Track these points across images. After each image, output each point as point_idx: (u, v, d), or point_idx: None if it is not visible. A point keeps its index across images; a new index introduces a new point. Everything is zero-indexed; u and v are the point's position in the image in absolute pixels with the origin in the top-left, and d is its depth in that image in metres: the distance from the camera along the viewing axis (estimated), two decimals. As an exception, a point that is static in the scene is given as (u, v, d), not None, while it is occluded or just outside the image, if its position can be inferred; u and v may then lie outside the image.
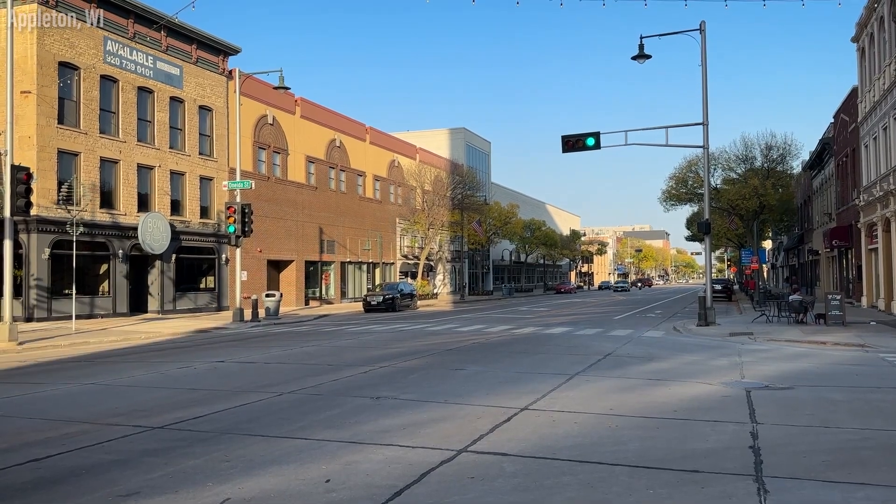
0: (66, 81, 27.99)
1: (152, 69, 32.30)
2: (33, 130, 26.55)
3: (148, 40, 31.88)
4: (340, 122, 49.07)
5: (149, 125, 32.39)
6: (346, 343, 18.87)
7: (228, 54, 37.25)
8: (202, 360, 15.15)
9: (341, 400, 9.70)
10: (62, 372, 13.69)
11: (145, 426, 8.07)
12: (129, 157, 30.95)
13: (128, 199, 30.88)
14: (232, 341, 20.27)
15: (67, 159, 28.20)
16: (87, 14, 28.67)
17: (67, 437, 7.58)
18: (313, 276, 45.89)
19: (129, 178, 30.96)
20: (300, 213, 43.62)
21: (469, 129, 74.80)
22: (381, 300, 37.38)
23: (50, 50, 27.22)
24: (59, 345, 19.16)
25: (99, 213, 29.04)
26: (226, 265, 36.34)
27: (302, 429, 7.81)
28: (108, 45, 29.92)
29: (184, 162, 34.20)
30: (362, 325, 26.16)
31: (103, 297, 29.80)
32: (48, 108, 27.15)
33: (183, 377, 12.49)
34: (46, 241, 26.74)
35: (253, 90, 37.88)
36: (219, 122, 36.61)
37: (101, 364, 14.95)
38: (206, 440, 7.35)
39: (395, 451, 6.77)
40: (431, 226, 55.01)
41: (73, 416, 8.77)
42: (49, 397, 10.58)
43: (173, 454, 6.81)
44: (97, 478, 6.04)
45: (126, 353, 17.16)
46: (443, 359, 14.67)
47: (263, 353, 16.29)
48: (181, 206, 34.23)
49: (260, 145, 40.17)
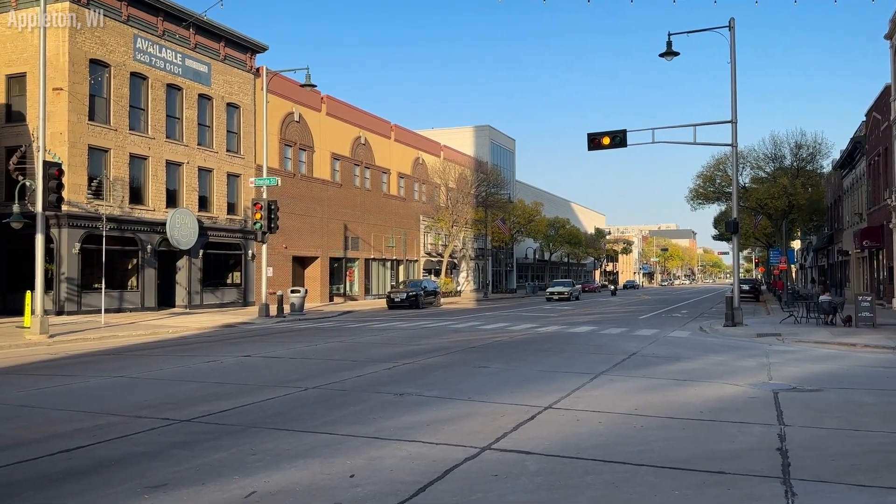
0: (97, 79, 28.43)
1: (181, 66, 32.68)
2: (65, 127, 27.02)
3: (177, 38, 32.27)
4: (365, 119, 49.25)
5: (177, 122, 32.79)
6: (369, 339, 18.96)
7: (256, 52, 37.56)
8: (229, 354, 15.32)
9: (365, 396, 9.76)
10: (92, 365, 13.93)
11: (173, 419, 8.18)
12: (157, 153, 31.36)
13: (156, 195, 31.30)
14: (258, 336, 20.47)
15: (98, 155, 28.65)
16: (118, 12, 29.10)
17: (97, 429, 7.71)
18: (338, 272, 46.15)
19: (157, 175, 31.38)
20: (325, 210, 43.87)
21: (494, 126, 74.66)
22: (404, 297, 37.48)
23: (81, 48, 27.67)
24: (89, 338, 19.49)
25: (128, 209, 29.48)
26: (252, 261, 36.70)
27: (327, 424, 7.87)
28: (137, 43, 30.34)
29: (211, 159, 34.57)
30: (386, 322, 26.25)
31: (132, 291, 30.26)
32: (79, 105, 27.61)
33: (210, 371, 12.64)
34: (77, 236, 27.21)
35: (280, 88, 38.16)
36: (246, 120, 36.95)
37: (130, 357, 15.19)
38: (233, 433, 7.44)
39: (419, 447, 6.79)
40: (455, 223, 55.02)
41: (102, 409, 8.92)
42: (79, 390, 10.77)
43: (200, 447, 6.90)
44: (126, 469, 6.14)
45: (154, 347, 17.41)
46: (466, 356, 14.68)
47: (289, 349, 16.43)
48: (209, 202, 34.62)
49: (286, 142, 40.47)
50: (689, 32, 23.90)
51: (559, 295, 50.15)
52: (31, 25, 27.25)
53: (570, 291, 51.43)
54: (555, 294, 50.50)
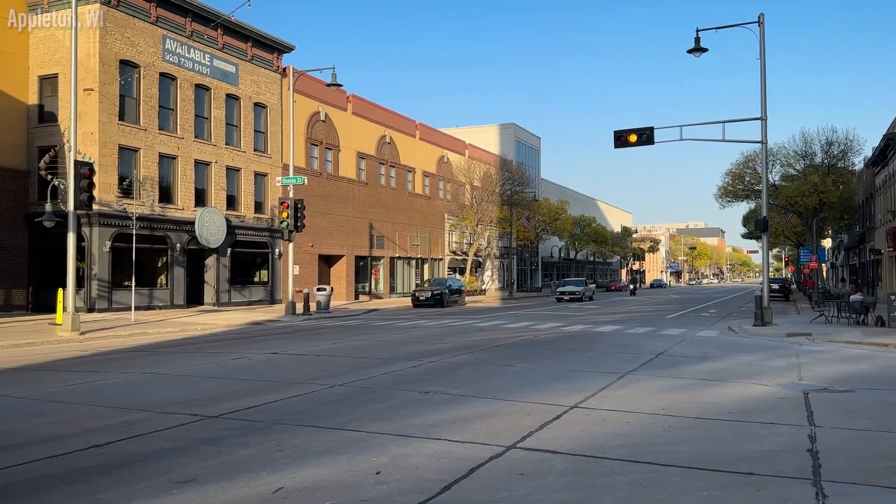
0: (127, 79, 28.87)
1: (209, 67, 33.05)
2: (96, 127, 27.47)
3: (205, 38, 32.63)
4: (391, 118, 49.39)
5: (206, 122, 33.17)
6: (395, 337, 19.02)
7: (282, 52, 37.85)
8: (256, 351, 15.46)
9: (391, 393, 9.79)
10: (122, 361, 14.15)
11: (201, 415, 8.28)
12: (186, 153, 31.76)
13: (185, 194, 31.70)
14: (285, 334, 20.64)
15: (128, 155, 29.09)
16: (147, 13, 29.54)
17: (127, 425, 7.83)
18: (363, 270, 46.37)
19: (186, 174, 31.78)
20: (351, 209, 44.09)
21: (519, 124, 74.40)
22: (429, 296, 37.54)
23: (112, 48, 28.11)
24: (119, 335, 19.81)
25: (158, 208, 29.89)
26: (279, 259, 37.02)
27: (353, 421, 7.91)
28: (166, 44, 30.75)
29: (239, 158, 34.92)
30: (411, 320, 26.31)
31: (161, 289, 30.69)
32: (110, 105, 28.05)
33: (238, 368, 12.77)
34: (108, 235, 27.66)
35: (306, 87, 38.41)
36: (273, 119, 37.26)
37: (159, 354, 15.40)
38: (260, 430, 7.51)
39: (444, 445, 6.80)
40: (480, 222, 54.96)
41: (132, 405, 9.05)
42: (109, 386, 10.94)
43: (228, 443, 6.97)
44: (155, 464, 6.23)
45: (183, 344, 17.63)
46: (491, 355, 14.66)
47: (315, 346, 16.55)
48: (236, 201, 34.98)
49: (312, 141, 40.73)
50: (718, 28, 23.61)
51: (570, 295, 46.43)
52: (62, 27, 27.75)
53: (583, 291, 47.53)
54: (565, 294, 46.70)
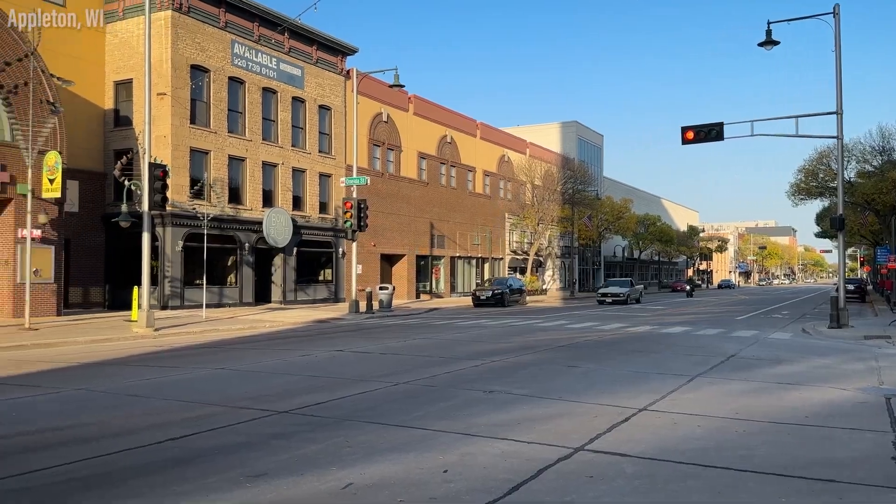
0: (198, 83, 29.81)
1: (276, 70, 33.82)
2: (168, 130, 28.45)
3: (272, 42, 33.41)
4: (451, 118, 49.51)
5: (273, 124, 33.96)
6: (456, 336, 19.04)
7: (346, 54, 38.42)
8: (322, 349, 15.73)
9: (454, 392, 9.79)
10: (194, 357, 14.60)
11: (272, 410, 8.45)
12: (254, 154, 32.58)
13: (253, 195, 32.53)
14: (349, 332, 20.93)
15: (198, 157, 30.03)
16: (216, 18, 30.44)
17: (201, 419, 8.07)
18: (424, 270, 46.65)
19: (254, 175, 32.60)
20: (412, 209, 44.41)
21: (581, 122, 73.55)
22: (489, 295, 37.47)
23: (183, 54, 29.06)
24: (192, 332, 20.45)
25: (227, 208, 30.76)
26: (342, 258, 37.61)
27: (418, 419, 7.94)
28: (235, 48, 31.60)
29: (304, 159, 35.62)
30: (472, 320, 26.31)
31: (231, 287, 31.58)
32: (181, 109, 29.01)
33: (305, 365, 13.01)
34: (180, 234, 28.61)
35: (368, 89, 38.88)
36: (337, 121, 37.86)
37: (230, 351, 15.83)
38: (328, 426, 7.62)
39: (511, 445, 6.75)
40: (541, 221, 54.54)
41: (205, 399, 9.32)
42: (183, 381, 11.30)
43: (298, 438, 7.10)
44: (228, 458, 6.39)
45: (252, 341, 18.08)
46: (555, 355, 14.51)
47: (378, 344, 16.72)
48: (302, 201, 35.69)
49: (375, 142, 41.20)
50: (790, 20, 22.78)
51: (613, 297, 41.28)
52: (136, 33, 28.88)
53: (628, 293, 42.27)
54: (607, 296, 41.45)
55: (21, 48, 21.82)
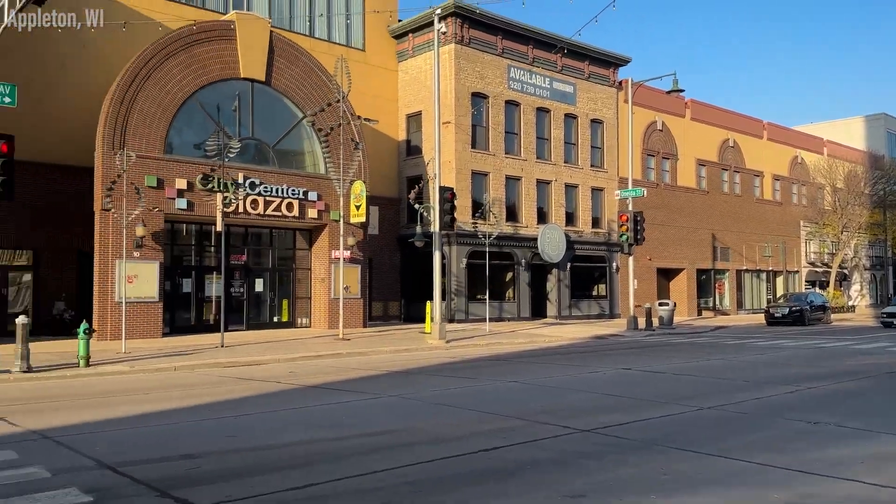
0: (478, 110, 31.43)
1: (549, 90, 34.42)
2: (452, 156, 30.34)
3: (544, 63, 34.09)
4: (733, 120, 46.11)
5: (545, 143, 34.56)
6: (755, 358, 17.41)
7: (618, 65, 37.82)
8: (608, 366, 15.39)
9: (769, 421, 8.85)
10: (486, 369, 15.17)
11: (573, 428, 8.36)
12: (529, 173, 33.41)
13: (528, 213, 33.33)
14: (630, 349, 20.30)
15: (479, 179, 31.58)
16: (494, 46, 31.92)
17: (505, 432, 8.24)
18: (705, 284, 43.81)
19: (529, 193, 33.41)
20: (690, 220, 42.07)
21: (890, 113, 63.95)
22: (786, 312, 33.91)
23: (465, 83, 30.87)
24: (478, 344, 21.40)
25: (505, 226, 31.88)
26: (616, 273, 36.84)
27: (735, 449, 7.25)
28: (511, 73, 32.80)
29: (577, 175, 35.66)
30: (768, 340, 23.96)
31: (509, 302, 32.62)
32: (463, 135, 30.78)
33: (594, 382, 12.79)
34: (463, 252, 30.28)
35: (641, 98, 37.79)
36: (608, 134, 37.36)
37: (516, 363, 16.20)
38: (636, 449, 7.30)
39: (859, 488, 5.83)
40: (845, 228, 48.17)
41: (505, 412, 9.53)
42: (482, 392, 11.74)
43: (606, 459, 6.89)
44: (539, 474, 6.38)
45: (534, 355, 18.35)
46: (889, 384, 12.51)
47: (667, 364, 15.91)
48: (574, 216, 35.72)
49: (648, 152, 39.88)
50: None
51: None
52: (424, 69, 31.35)
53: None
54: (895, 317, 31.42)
55: (332, 93, 24.87)
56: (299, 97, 25.15)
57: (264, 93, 24.43)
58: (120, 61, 22.03)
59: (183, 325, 23.50)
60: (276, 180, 24.13)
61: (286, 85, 24.86)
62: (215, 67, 23.09)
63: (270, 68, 24.33)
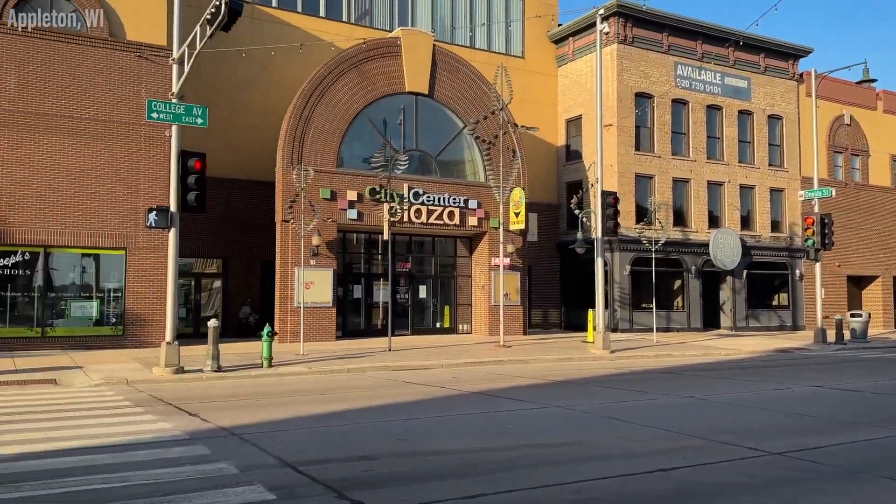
0: (642, 110, 30.30)
1: (720, 86, 32.49)
2: (614, 159, 29.43)
3: (714, 58, 32.24)
4: (937, 110, 40.98)
5: (717, 142, 32.62)
6: (975, 378, 15.20)
7: (798, 57, 34.93)
8: (794, 382, 14.08)
9: None
10: (656, 382, 14.42)
11: (761, 450, 7.63)
12: (698, 174, 31.67)
13: (698, 217, 31.57)
14: (820, 364, 18.50)
15: (643, 183, 30.38)
16: (659, 44, 30.67)
17: (684, 451, 7.69)
18: (905, 294, 39.17)
19: (699, 196, 31.65)
20: (885, 222, 37.85)
21: None
22: None
23: (627, 84, 29.87)
24: (645, 355, 20.47)
25: (672, 231, 30.41)
26: (800, 281, 33.93)
27: (964, 484, 6.27)
28: (678, 70, 31.32)
29: (752, 175, 33.30)
30: None
31: (677, 311, 31.03)
32: (626, 138, 29.78)
33: (781, 400, 11.73)
34: (627, 259, 29.23)
35: (825, 90, 34.58)
36: (788, 130, 34.56)
37: (689, 377, 15.26)
38: (838, 476, 6.53)
39: None
40: None
41: (682, 429, 8.93)
42: (654, 406, 11.13)
43: (802, 487, 6.21)
44: (729, 500, 5.85)
45: (709, 368, 17.22)
46: None
47: (864, 381, 14.29)
48: (750, 220, 33.36)
49: (835, 149, 36.43)
50: None
51: None
52: (584, 72, 30.74)
53: None
54: None
55: (492, 102, 25.00)
56: (460, 107, 25.56)
57: (427, 105, 25.07)
58: (294, 83, 23.52)
59: (353, 328, 24.59)
60: (438, 189, 24.65)
61: (448, 96, 25.36)
62: (382, 83, 24.02)
63: (433, 81, 24.93)
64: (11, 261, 18.95)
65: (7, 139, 18.85)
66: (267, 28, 25.03)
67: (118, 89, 20.09)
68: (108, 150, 19.94)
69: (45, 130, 19.25)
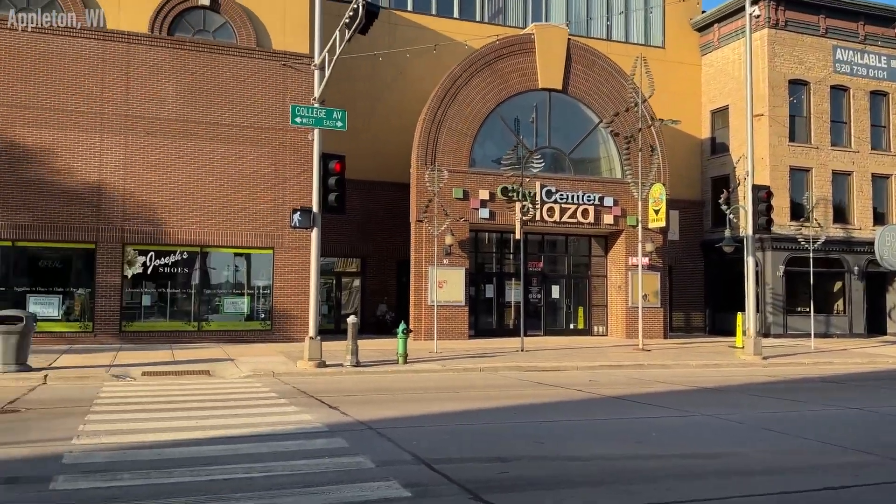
0: (798, 98, 28.11)
1: (886, 69, 29.56)
2: (766, 151, 27.48)
3: (880, 39, 29.38)
4: None
5: (882, 131, 29.70)
6: None
7: (984, 30, 31.11)
8: (984, 398, 12.42)
9: None
10: (814, 391, 13.25)
11: (950, 473, 6.70)
12: (861, 167, 28.97)
13: (861, 213, 28.88)
14: None
15: (798, 176, 28.19)
16: (815, 27, 28.34)
17: (853, 467, 6.92)
18: None
19: (862, 190, 28.95)
20: None
21: None
22: None
23: (780, 70, 27.81)
24: (802, 362, 18.91)
25: (831, 229, 27.97)
26: (984, 284, 30.18)
27: None
28: (837, 54, 28.81)
29: (925, 166, 30.02)
30: None
31: (837, 315, 28.54)
32: (779, 128, 27.72)
33: (968, 417, 10.34)
34: (780, 259, 27.21)
35: None
36: (969, 115, 30.85)
37: (853, 387, 13.91)
38: None
39: None
40: None
41: (848, 443, 8.04)
42: (814, 417, 10.15)
43: None
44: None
45: (878, 378, 15.64)
46: None
47: None
48: (922, 216, 30.09)
49: None
50: None
51: None
52: (731, 59, 28.95)
53: None
54: None
55: (629, 95, 23.98)
56: (595, 102, 24.85)
57: (560, 100, 24.58)
58: (428, 84, 23.78)
59: (485, 328, 24.54)
60: (571, 187, 24.08)
61: (582, 91, 24.74)
62: (515, 80, 23.81)
63: (567, 76, 24.40)
64: (171, 259, 20.48)
65: (166, 146, 20.37)
66: (402, 31, 25.52)
67: (265, 97, 21.20)
68: (256, 155, 21.09)
69: (200, 137, 20.64)
